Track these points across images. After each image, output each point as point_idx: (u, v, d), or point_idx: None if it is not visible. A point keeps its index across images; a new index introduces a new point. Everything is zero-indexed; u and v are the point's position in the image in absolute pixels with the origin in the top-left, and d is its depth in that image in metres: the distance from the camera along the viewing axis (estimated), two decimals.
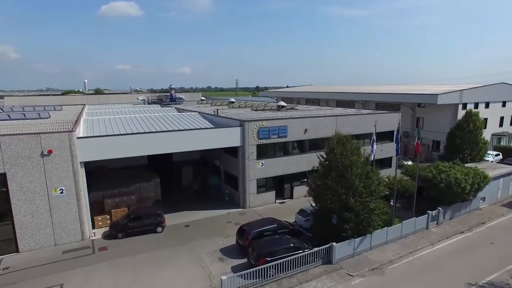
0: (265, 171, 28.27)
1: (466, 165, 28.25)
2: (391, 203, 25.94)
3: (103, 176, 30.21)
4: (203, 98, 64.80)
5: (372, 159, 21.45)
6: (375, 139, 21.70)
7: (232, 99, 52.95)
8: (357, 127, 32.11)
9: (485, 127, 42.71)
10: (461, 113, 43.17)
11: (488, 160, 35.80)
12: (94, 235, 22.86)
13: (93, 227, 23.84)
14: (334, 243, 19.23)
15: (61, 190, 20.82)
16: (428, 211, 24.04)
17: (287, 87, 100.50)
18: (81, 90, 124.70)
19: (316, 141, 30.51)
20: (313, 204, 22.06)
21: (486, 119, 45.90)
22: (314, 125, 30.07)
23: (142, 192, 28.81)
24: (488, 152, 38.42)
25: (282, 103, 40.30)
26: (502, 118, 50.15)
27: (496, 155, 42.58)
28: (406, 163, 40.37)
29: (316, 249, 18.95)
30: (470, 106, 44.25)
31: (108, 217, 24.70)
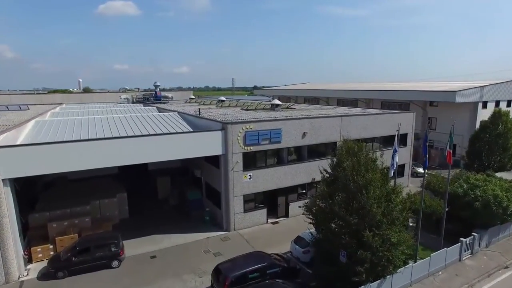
0: (254, 185, 22.90)
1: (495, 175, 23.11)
2: (410, 223, 20.72)
3: (55, 191, 24.80)
4: (192, 96, 59.24)
5: (392, 175, 16.12)
6: (397, 148, 16.27)
7: (222, 98, 47.32)
8: (366, 129, 26.83)
9: None
10: (481, 113, 38.15)
11: None
12: (27, 274, 17.43)
13: (30, 261, 18.46)
14: None
15: None
16: (461, 239, 18.71)
17: (285, 85, 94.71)
18: (75, 89, 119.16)
19: (317, 147, 25.22)
20: (314, 231, 16.83)
21: None
22: (315, 128, 24.72)
23: (103, 211, 23.43)
24: None
25: (277, 102, 34.80)
26: None
27: None
28: (418, 170, 35.49)
29: None
30: (490, 105, 39.11)
31: (52, 246, 19.28)
